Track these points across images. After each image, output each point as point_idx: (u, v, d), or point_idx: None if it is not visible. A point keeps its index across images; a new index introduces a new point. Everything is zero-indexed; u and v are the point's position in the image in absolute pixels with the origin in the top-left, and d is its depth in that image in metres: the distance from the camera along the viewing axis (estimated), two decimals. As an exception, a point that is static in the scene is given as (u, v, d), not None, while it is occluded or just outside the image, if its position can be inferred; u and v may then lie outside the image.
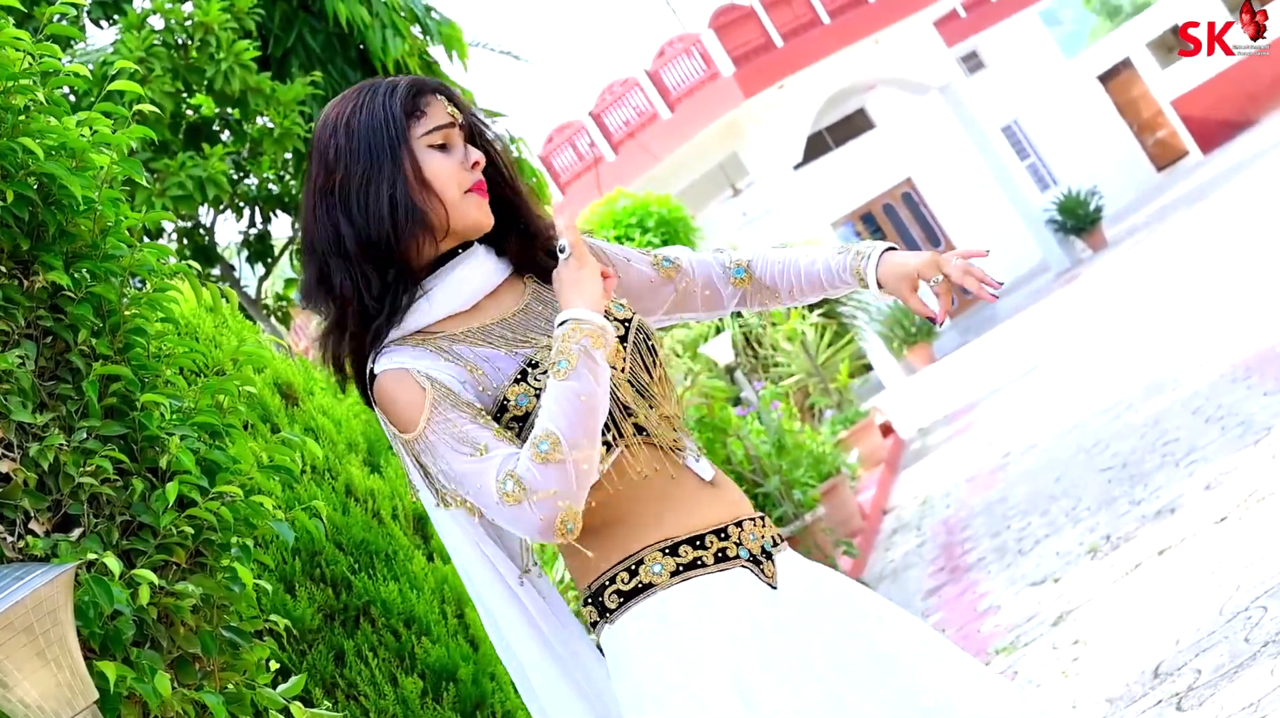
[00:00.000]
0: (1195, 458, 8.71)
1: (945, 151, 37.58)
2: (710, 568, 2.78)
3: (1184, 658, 5.64)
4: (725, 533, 2.83)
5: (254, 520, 3.53)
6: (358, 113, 2.85)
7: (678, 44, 29.52)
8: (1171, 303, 16.16)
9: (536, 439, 2.66)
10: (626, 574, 2.78)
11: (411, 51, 10.12)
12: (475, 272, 2.90)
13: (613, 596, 2.79)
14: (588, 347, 2.70)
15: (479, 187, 2.88)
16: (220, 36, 9.19)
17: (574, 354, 2.69)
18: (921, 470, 15.69)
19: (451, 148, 2.88)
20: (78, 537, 3.21)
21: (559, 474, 2.65)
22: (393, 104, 2.84)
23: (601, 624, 2.81)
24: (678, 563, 2.77)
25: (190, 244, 11.40)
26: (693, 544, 2.79)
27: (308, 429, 5.02)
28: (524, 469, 2.66)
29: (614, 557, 2.79)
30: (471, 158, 2.88)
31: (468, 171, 2.87)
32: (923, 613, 9.00)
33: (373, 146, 2.82)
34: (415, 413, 2.76)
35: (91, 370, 3.33)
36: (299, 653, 4.52)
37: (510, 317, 2.91)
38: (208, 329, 4.83)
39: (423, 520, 5.22)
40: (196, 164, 9.17)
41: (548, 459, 2.64)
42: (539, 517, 2.66)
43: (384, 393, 2.80)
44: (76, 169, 3.39)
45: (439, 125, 2.86)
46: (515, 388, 2.78)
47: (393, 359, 2.81)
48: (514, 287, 2.98)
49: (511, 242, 2.99)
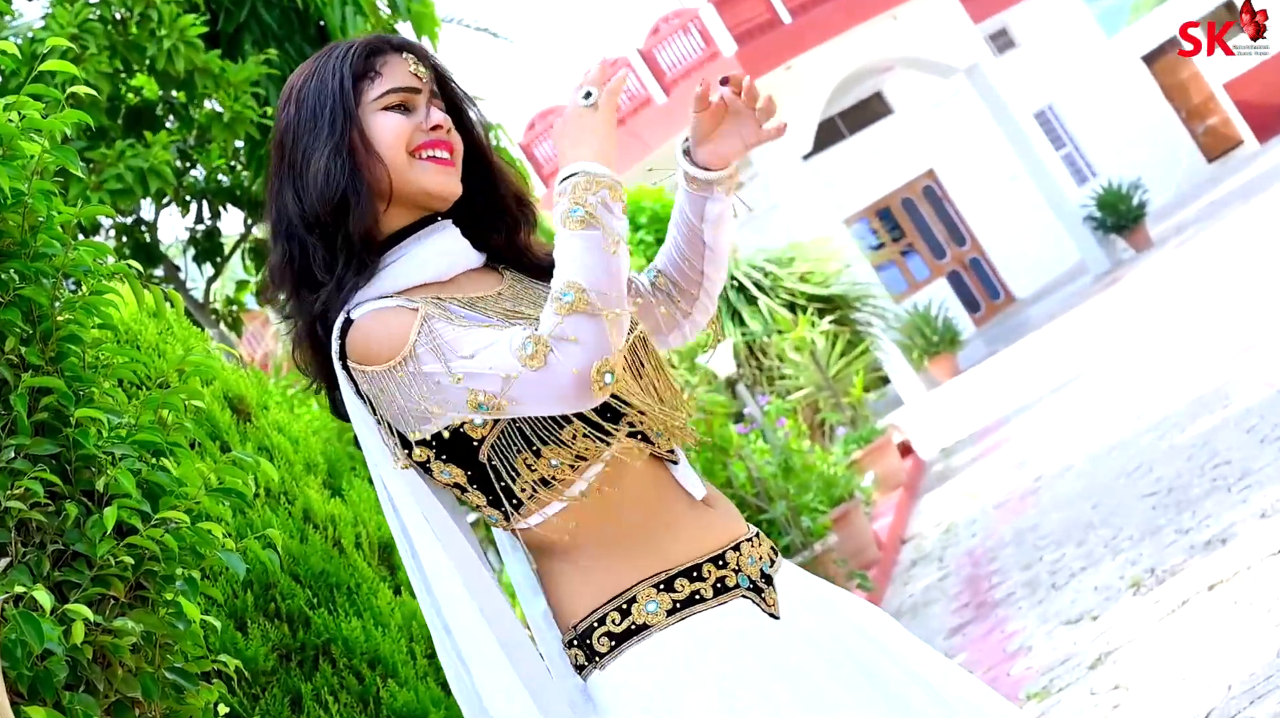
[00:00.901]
0: (1249, 482, 8.72)
1: (971, 140, 37.61)
2: (710, 603, 2.78)
3: (1237, 706, 5.64)
4: (723, 560, 2.82)
5: (201, 550, 3.53)
6: (310, 80, 2.88)
7: (674, 20, 29.59)
8: (1223, 310, 16.18)
9: (556, 293, 2.62)
10: (618, 614, 2.77)
11: (375, 29, 10.13)
12: (449, 245, 2.90)
13: (603, 638, 2.77)
14: (607, 199, 2.67)
15: (434, 145, 2.87)
16: (163, 10, 9.18)
17: (592, 205, 2.65)
18: (944, 495, 15.70)
19: (413, 110, 2.89)
20: (4, 567, 3.21)
21: (589, 324, 2.61)
22: (343, 66, 2.85)
23: (590, 669, 2.80)
24: (674, 600, 2.76)
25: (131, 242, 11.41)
26: (689, 577, 2.78)
27: (261, 448, 5.03)
28: (545, 327, 2.61)
29: (604, 593, 2.78)
30: (432, 120, 2.88)
31: (422, 131, 2.87)
32: (945, 653, 8.98)
33: (317, 114, 2.84)
34: (402, 335, 2.73)
35: (20, 382, 3.32)
36: (251, 697, 4.52)
37: (492, 293, 2.90)
38: (150, 337, 4.83)
39: (389, 549, 5.22)
40: (137, 153, 9.17)
41: (574, 309, 2.60)
42: (571, 369, 2.60)
43: (362, 329, 2.77)
44: (4, 158, 3.39)
45: (396, 88, 2.87)
46: None
47: (376, 303, 2.79)
48: (488, 273, 2.98)
49: (485, 226, 2.99)
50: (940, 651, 8.89)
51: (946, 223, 38.09)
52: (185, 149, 11.12)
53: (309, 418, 10.31)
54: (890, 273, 36.18)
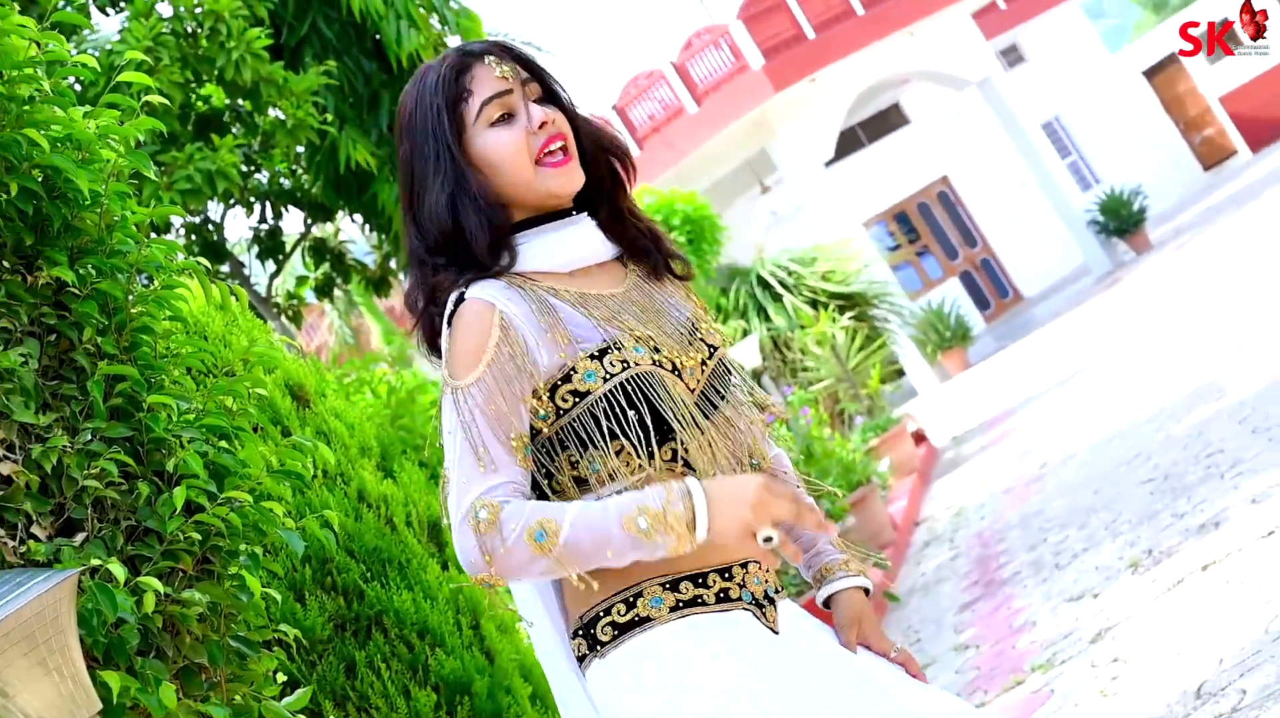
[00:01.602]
0: (1241, 470, 8.68)
1: (983, 149, 37.52)
2: (710, 607, 2.73)
3: (1228, 678, 5.62)
4: (729, 573, 2.77)
5: (263, 527, 3.53)
6: (414, 112, 2.84)
7: (705, 35, 29.52)
8: (1217, 308, 16.11)
9: (543, 522, 2.60)
10: (623, 606, 2.72)
11: (427, 44, 10.14)
12: (578, 239, 2.87)
13: (606, 628, 2.73)
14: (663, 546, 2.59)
15: (551, 143, 2.83)
16: (231, 24, 9.21)
17: (653, 535, 2.58)
18: (955, 481, 15.66)
19: (515, 114, 2.84)
20: (81, 542, 3.22)
21: (528, 563, 2.60)
22: (437, 98, 2.81)
23: (590, 658, 2.75)
24: (677, 599, 2.72)
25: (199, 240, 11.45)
26: (694, 582, 2.74)
27: (319, 433, 5.03)
28: (510, 524, 2.60)
29: (611, 586, 2.73)
30: (535, 119, 2.83)
31: (535, 135, 2.82)
32: (955, 629, 8.99)
33: (424, 151, 2.81)
34: (468, 364, 2.71)
35: (96, 370, 3.34)
36: (308, 664, 4.53)
37: (608, 294, 2.86)
38: (217, 328, 4.84)
39: (437, 528, 5.23)
40: (206, 156, 9.20)
41: (536, 547, 2.59)
42: (478, 560, 2.61)
43: (458, 322, 2.74)
44: (83, 162, 3.40)
45: (488, 98, 2.82)
46: (589, 363, 2.74)
47: (486, 290, 2.76)
48: (615, 270, 2.94)
49: (602, 211, 2.96)
50: (950, 626, 8.91)
51: (959, 226, 38.00)
52: (250, 154, 11.16)
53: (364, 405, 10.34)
54: (906, 272, 36.12)
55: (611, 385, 2.72)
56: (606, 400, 2.72)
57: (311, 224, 12.57)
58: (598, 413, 2.73)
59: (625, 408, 2.72)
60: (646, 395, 2.73)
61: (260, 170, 11.64)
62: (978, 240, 37.87)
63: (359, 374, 12.53)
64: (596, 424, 2.72)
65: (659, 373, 2.76)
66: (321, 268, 13.14)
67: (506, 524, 2.59)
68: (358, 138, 10.11)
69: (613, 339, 2.77)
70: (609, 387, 2.72)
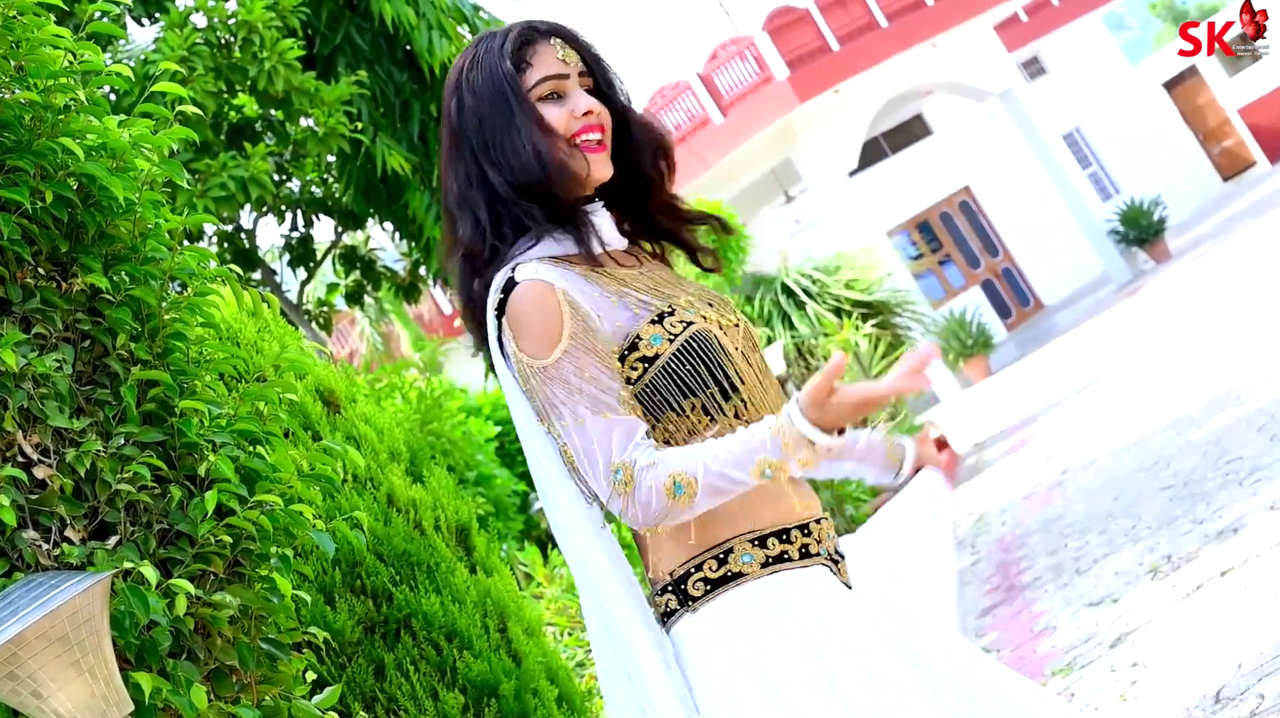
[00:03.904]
0: (1260, 477, 8.66)
1: (1004, 159, 37.46)
2: (795, 563, 2.80)
3: (1246, 683, 5.60)
4: (808, 529, 2.84)
5: (294, 530, 3.53)
6: (474, 69, 2.87)
7: (730, 47, 29.55)
8: (1236, 317, 16.07)
9: (676, 476, 2.66)
10: (715, 563, 2.78)
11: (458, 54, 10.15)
12: (607, 224, 2.93)
13: (698, 583, 2.78)
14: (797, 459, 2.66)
15: (587, 130, 2.87)
16: (264, 35, 9.23)
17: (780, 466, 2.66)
18: (977, 487, 15.63)
19: (565, 97, 2.88)
20: (114, 545, 3.22)
21: (670, 513, 2.67)
22: (502, 60, 2.84)
23: (681, 613, 2.79)
24: (766, 555, 2.79)
25: (231, 248, 11.47)
26: (779, 538, 2.80)
27: (349, 437, 5.03)
28: (646, 481, 2.67)
29: (701, 544, 2.79)
30: (582, 106, 2.87)
31: (576, 119, 2.86)
32: (976, 633, 8.96)
33: (495, 98, 2.83)
34: (550, 341, 2.74)
35: (130, 375, 3.34)
36: (338, 666, 4.53)
37: (635, 272, 2.91)
38: (248, 334, 4.84)
39: (465, 532, 5.23)
40: (239, 164, 9.22)
41: (673, 499, 2.66)
42: (635, 517, 2.69)
43: (519, 306, 2.77)
44: (117, 170, 3.40)
45: (547, 76, 2.86)
46: (651, 327, 2.78)
47: (536, 271, 2.79)
48: (628, 255, 2.98)
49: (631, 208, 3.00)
50: (970, 630, 8.89)
51: (981, 235, 37.93)
52: (282, 163, 11.18)
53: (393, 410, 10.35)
54: (928, 281, 36.06)
55: (679, 345, 2.78)
56: (676, 359, 2.78)
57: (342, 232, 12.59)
58: (670, 373, 2.78)
59: (695, 365, 2.79)
60: (710, 353, 2.80)
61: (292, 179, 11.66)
62: (999, 249, 37.80)
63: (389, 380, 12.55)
64: (671, 383, 2.78)
65: (716, 331, 2.83)
66: (352, 275, 13.15)
67: (643, 482, 2.67)
68: (392, 146, 10.12)
69: (667, 304, 2.82)
70: (676, 346, 2.78)
